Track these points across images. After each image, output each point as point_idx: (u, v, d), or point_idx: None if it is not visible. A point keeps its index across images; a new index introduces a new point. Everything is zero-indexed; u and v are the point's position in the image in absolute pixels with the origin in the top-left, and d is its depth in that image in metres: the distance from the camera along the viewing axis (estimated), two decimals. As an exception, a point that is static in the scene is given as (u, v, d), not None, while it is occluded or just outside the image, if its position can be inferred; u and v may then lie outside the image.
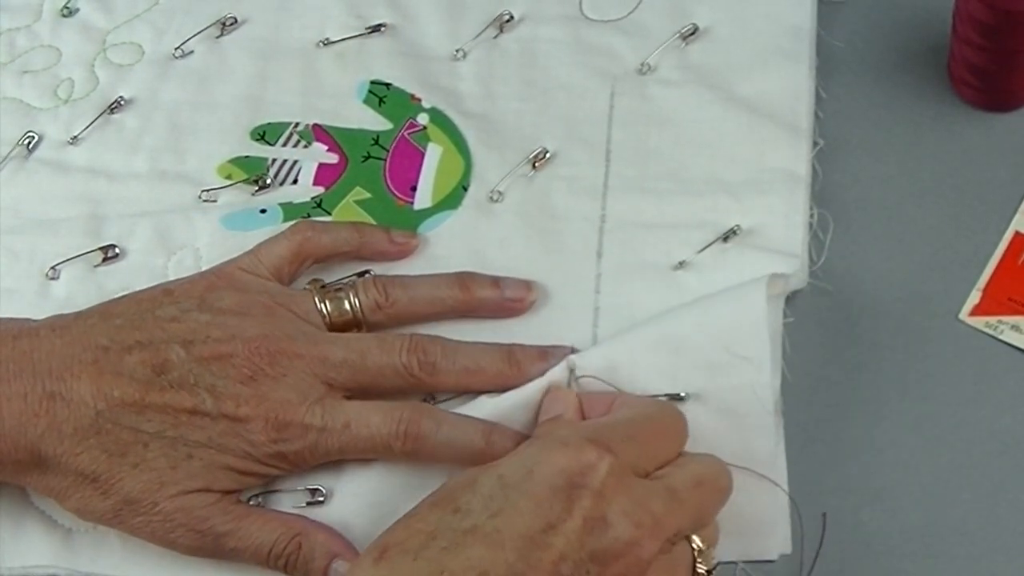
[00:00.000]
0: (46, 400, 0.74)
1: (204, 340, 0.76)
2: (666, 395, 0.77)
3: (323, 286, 0.81)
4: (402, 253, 0.84)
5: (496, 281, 0.82)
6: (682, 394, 0.77)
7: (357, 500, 0.77)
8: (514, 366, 0.79)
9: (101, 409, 0.74)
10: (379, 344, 0.78)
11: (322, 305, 0.80)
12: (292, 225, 0.83)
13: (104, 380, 0.75)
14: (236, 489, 0.76)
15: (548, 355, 0.79)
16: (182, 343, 0.76)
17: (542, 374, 0.78)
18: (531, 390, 0.78)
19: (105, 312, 0.78)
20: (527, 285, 0.82)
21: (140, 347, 0.76)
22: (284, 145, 0.89)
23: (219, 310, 0.77)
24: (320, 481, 0.78)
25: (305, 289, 0.81)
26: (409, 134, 0.88)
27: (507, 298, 0.81)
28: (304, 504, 0.77)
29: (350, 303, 0.80)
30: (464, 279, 0.81)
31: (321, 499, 0.77)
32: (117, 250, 0.85)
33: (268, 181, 0.87)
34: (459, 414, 0.78)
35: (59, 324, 0.77)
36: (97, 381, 0.75)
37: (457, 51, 0.90)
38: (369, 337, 0.79)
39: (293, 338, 0.77)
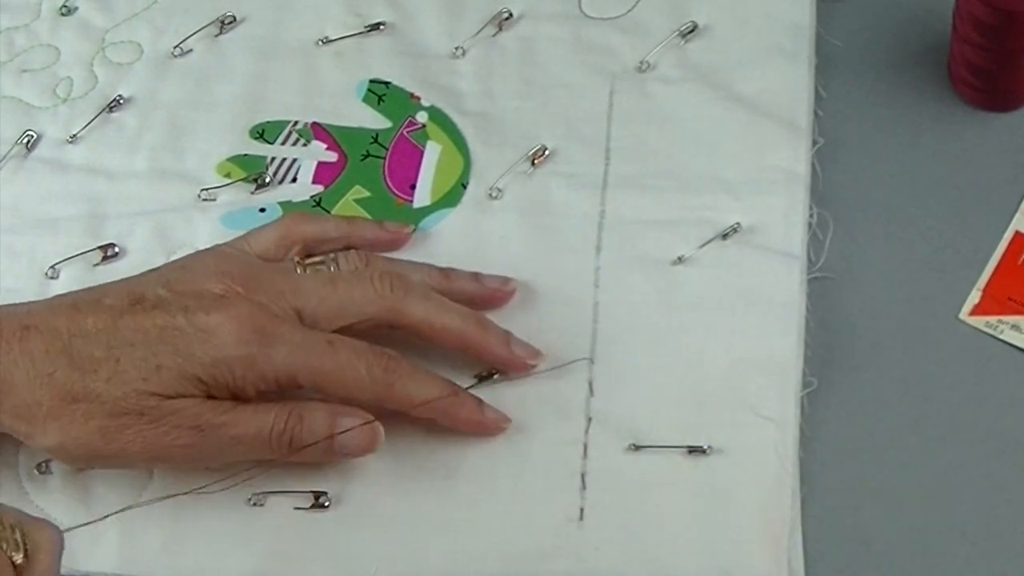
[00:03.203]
0: (20, 331, 0.75)
1: (184, 279, 0.77)
2: (688, 447, 0.77)
3: (306, 256, 0.81)
4: (395, 242, 0.84)
5: (476, 275, 0.82)
6: (705, 447, 0.78)
7: (362, 508, 0.78)
8: (481, 329, 0.79)
9: (74, 334, 0.74)
10: (352, 275, 0.79)
11: (302, 272, 0.80)
12: (284, 214, 0.84)
13: (80, 315, 0.75)
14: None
15: (513, 341, 0.80)
16: (163, 284, 0.76)
17: (505, 354, 0.79)
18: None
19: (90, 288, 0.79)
20: (504, 278, 0.82)
21: (119, 289, 0.77)
22: (283, 144, 0.89)
23: (200, 267, 0.78)
24: (327, 485, 0.78)
25: (288, 260, 0.81)
26: (408, 132, 0.88)
27: (487, 288, 0.82)
28: (308, 506, 0.78)
29: (329, 272, 0.80)
30: (446, 269, 0.82)
31: (326, 504, 0.78)
32: (116, 249, 0.85)
33: (267, 180, 0.87)
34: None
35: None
36: (73, 316, 0.75)
37: (456, 49, 0.90)
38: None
39: (271, 272, 0.78)
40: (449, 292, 0.80)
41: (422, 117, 0.89)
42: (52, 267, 0.85)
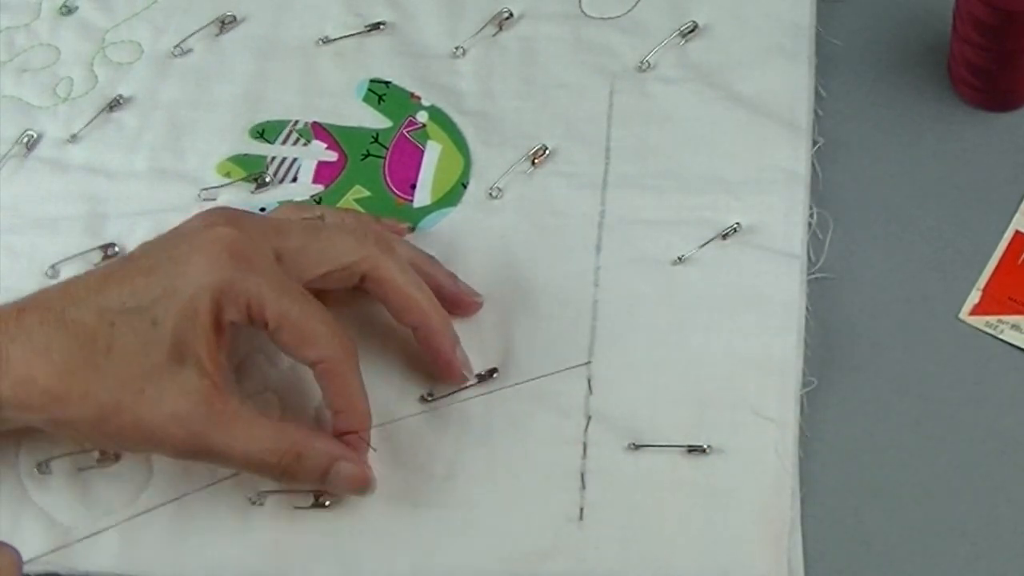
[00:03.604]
0: (15, 313, 0.75)
1: (169, 232, 0.78)
2: (688, 447, 0.78)
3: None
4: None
5: (455, 276, 0.82)
6: (705, 447, 0.78)
7: (362, 507, 0.78)
8: (440, 319, 0.79)
9: (66, 305, 0.75)
10: (338, 227, 0.80)
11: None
12: (279, 205, 0.84)
13: (70, 286, 0.76)
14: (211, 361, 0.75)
15: (459, 348, 0.80)
16: (151, 243, 0.77)
17: (448, 354, 0.79)
18: None
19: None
20: (477, 292, 0.82)
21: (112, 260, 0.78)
22: (283, 143, 0.89)
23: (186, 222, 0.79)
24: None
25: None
26: (408, 132, 0.88)
27: (460, 290, 0.82)
28: (308, 506, 0.78)
29: (316, 223, 0.80)
30: (430, 257, 0.82)
31: (327, 504, 0.78)
32: (116, 249, 0.85)
33: (267, 179, 0.87)
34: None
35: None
36: (65, 289, 0.76)
37: (456, 49, 0.90)
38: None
39: (256, 215, 0.79)
40: (426, 277, 0.80)
41: (422, 117, 0.89)
42: (52, 267, 0.85)
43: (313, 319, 0.76)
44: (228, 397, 0.75)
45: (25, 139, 0.89)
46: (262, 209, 0.86)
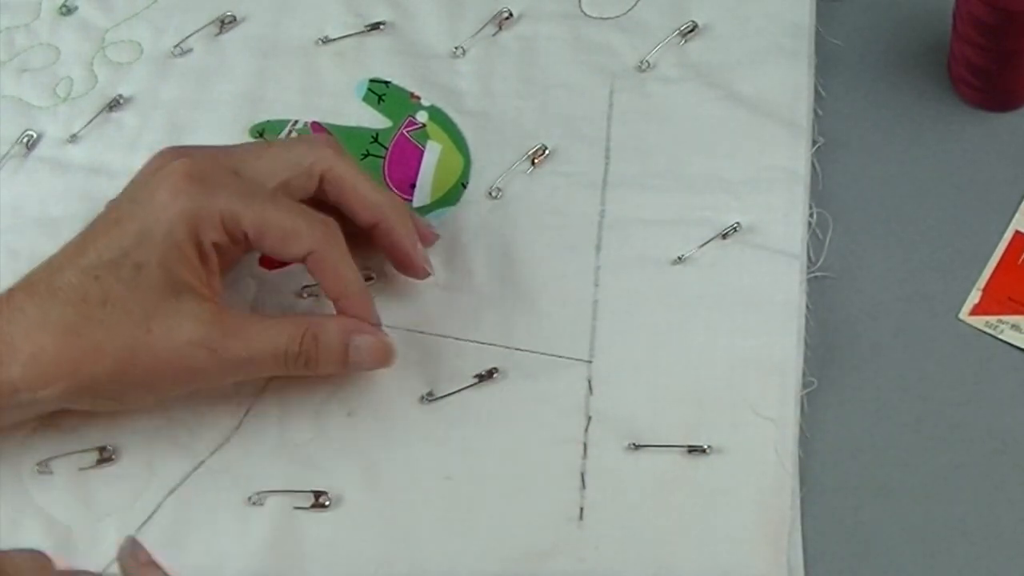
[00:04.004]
0: (5, 298, 0.76)
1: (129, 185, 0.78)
2: (688, 447, 0.78)
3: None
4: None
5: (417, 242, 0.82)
6: (705, 447, 0.78)
7: (362, 508, 0.78)
8: (399, 215, 0.80)
9: (50, 276, 0.76)
10: (290, 139, 0.82)
11: None
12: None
13: (49, 261, 0.77)
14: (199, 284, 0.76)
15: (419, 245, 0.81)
16: (114, 199, 0.78)
17: (408, 248, 0.80)
18: None
19: None
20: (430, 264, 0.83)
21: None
22: (283, 143, 0.89)
23: None
24: (327, 485, 0.78)
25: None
26: (408, 132, 0.88)
27: (418, 221, 0.83)
28: (308, 506, 0.78)
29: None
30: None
31: (327, 504, 0.78)
32: (116, 248, 0.85)
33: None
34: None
35: None
36: (45, 264, 0.77)
37: (456, 49, 0.90)
38: None
39: (205, 146, 0.79)
40: (387, 222, 0.81)
41: (422, 117, 0.89)
42: (52, 267, 0.85)
43: (290, 214, 0.77)
44: (232, 311, 0.77)
45: (25, 139, 0.89)
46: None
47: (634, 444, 0.78)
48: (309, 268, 0.77)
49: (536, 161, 0.86)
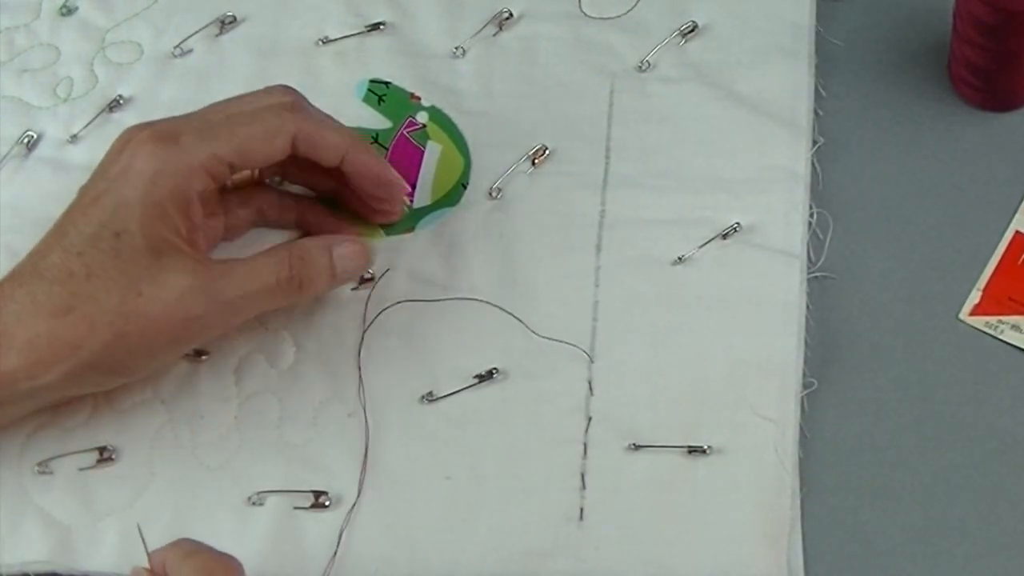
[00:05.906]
0: None
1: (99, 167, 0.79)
2: (688, 447, 0.78)
3: None
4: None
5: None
6: (705, 447, 0.78)
7: (362, 508, 0.78)
8: (362, 147, 0.81)
9: (34, 263, 0.76)
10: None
11: None
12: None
13: (33, 250, 0.78)
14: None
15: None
16: (86, 183, 0.79)
17: (380, 170, 0.82)
18: None
19: None
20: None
21: None
22: (283, 143, 0.89)
23: None
24: (327, 485, 0.78)
25: None
26: (408, 132, 0.88)
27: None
28: (308, 506, 0.78)
29: None
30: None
31: (327, 504, 0.78)
32: (116, 248, 0.86)
33: (267, 179, 0.87)
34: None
35: None
36: (29, 254, 0.78)
37: (456, 49, 0.90)
38: None
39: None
40: (356, 156, 0.81)
41: (422, 117, 0.89)
42: (52, 267, 0.85)
43: (262, 120, 0.78)
44: (216, 259, 0.78)
45: (25, 139, 0.89)
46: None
47: (634, 444, 0.78)
48: (300, 151, 0.79)
49: (536, 161, 0.86)
